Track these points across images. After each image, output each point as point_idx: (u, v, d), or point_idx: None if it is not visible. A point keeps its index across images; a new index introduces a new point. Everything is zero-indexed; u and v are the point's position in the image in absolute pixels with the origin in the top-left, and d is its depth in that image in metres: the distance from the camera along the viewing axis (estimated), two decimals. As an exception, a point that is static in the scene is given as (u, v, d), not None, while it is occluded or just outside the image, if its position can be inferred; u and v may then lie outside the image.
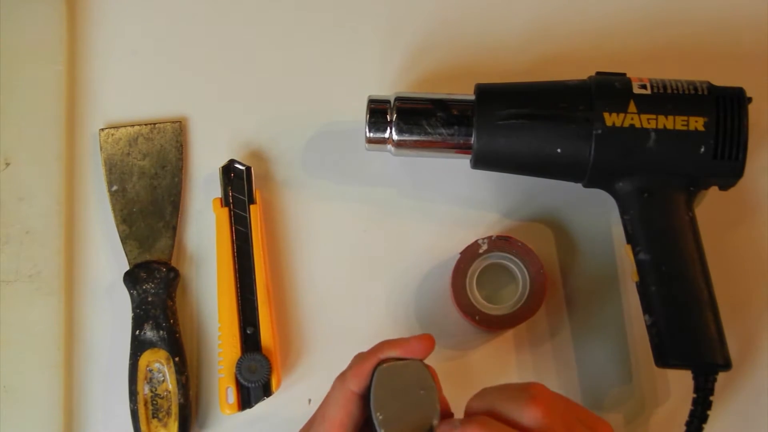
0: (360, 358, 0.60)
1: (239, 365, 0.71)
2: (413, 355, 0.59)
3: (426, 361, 0.60)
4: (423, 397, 0.58)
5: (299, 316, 0.75)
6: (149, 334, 0.72)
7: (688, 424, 0.68)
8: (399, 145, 0.71)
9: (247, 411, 0.72)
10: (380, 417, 0.57)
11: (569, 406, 0.59)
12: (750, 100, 0.69)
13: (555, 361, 0.74)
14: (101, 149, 0.76)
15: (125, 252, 0.75)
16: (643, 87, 0.69)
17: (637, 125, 0.68)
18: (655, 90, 0.69)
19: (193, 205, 0.77)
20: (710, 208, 0.73)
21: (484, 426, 0.55)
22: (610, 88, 0.69)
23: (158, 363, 0.72)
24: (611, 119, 0.68)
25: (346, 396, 0.59)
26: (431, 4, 0.78)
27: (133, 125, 0.77)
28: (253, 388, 0.71)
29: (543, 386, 0.58)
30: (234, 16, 0.79)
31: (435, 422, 0.58)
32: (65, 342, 0.74)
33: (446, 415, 0.59)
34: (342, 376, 0.60)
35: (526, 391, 0.57)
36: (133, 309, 0.73)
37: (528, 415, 0.55)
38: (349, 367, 0.60)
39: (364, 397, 0.60)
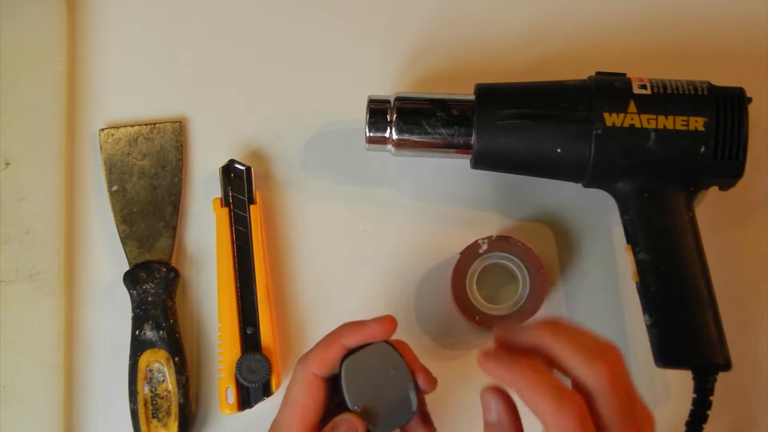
0: (323, 342, 0.60)
1: (239, 365, 0.71)
2: (376, 339, 0.59)
3: (422, 360, 0.61)
4: (393, 375, 0.59)
5: (299, 316, 0.75)
6: (149, 334, 0.72)
7: (688, 424, 0.68)
8: (399, 145, 0.71)
9: (247, 411, 0.72)
10: (358, 409, 0.59)
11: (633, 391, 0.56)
12: (750, 100, 0.69)
13: (555, 361, 0.74)
14: (101, 149, 0.76)
15: (125, 252, 0.75)
16: (643, 87, 0.69)
17: (637, 125, 0.68)
18: (655, 90, 0.69)
19: (193, 205, 0.77)
20: (710, 208, 0.73)
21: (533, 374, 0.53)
22: (610, 88, 0.69)
23: (158, 363, 0.72)
24: (611, 119, 0.68)
25: (308, 379, 0.60)
26: (431, 4, 0.78)
27: (133, 125, 0.77)
28: (253, 388, 0.71)
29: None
30: (234, 16, 0.79)
31: (411, 393, 0.59)
32: (65, 342, 0.74)
33: (427, 383, 0.60)
34: (303, 360, 0.60)
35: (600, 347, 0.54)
36: (133, 309, 0.73)
37: (594, 372, 0.52)
38: (311, 351, 0.60)
39: (328, 381, 0.60)
